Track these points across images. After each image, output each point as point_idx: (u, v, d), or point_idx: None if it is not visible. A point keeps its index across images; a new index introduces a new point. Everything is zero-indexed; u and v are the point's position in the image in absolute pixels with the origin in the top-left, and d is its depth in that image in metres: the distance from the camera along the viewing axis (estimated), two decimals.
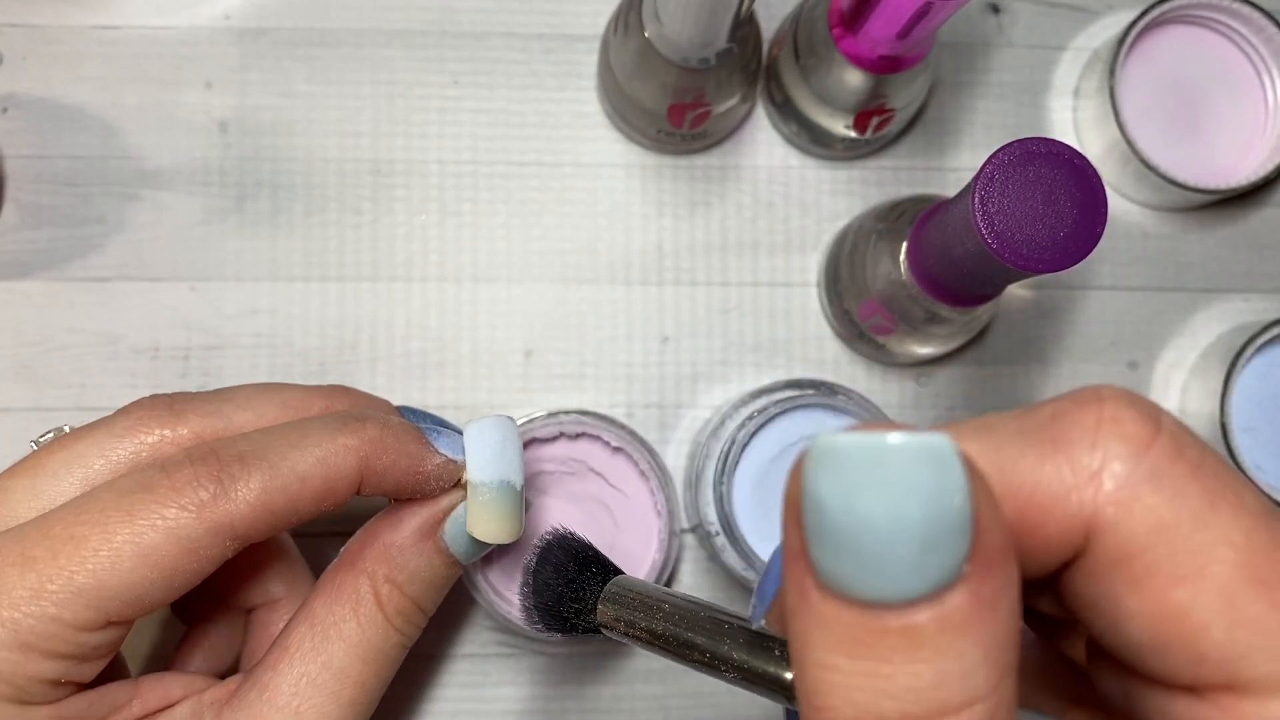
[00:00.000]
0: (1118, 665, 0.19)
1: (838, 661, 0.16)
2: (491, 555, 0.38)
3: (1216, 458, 0.18)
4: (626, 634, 0.26)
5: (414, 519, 0.31)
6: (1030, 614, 0.22)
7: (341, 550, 0.32)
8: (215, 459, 0.28)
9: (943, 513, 0.15)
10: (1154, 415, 0.17)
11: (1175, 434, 0.17)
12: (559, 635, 0.30)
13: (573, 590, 0.29)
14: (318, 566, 0.34)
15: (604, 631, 0.27)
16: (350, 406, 0.33)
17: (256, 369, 0.41)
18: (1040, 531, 0.18)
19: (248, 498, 0.28)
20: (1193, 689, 0.17)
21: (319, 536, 0.38)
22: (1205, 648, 0.17)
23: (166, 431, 0.30)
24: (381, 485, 0.30)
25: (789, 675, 0.21)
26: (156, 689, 0.30)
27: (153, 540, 0.27)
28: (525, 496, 0.32)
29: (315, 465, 0.29)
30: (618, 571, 0.29)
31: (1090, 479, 0.17)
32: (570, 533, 0.31)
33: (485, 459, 0.31)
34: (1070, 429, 0.18)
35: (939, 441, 0.15)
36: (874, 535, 0.15)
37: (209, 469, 0.28)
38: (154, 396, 0.31)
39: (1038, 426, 0.18)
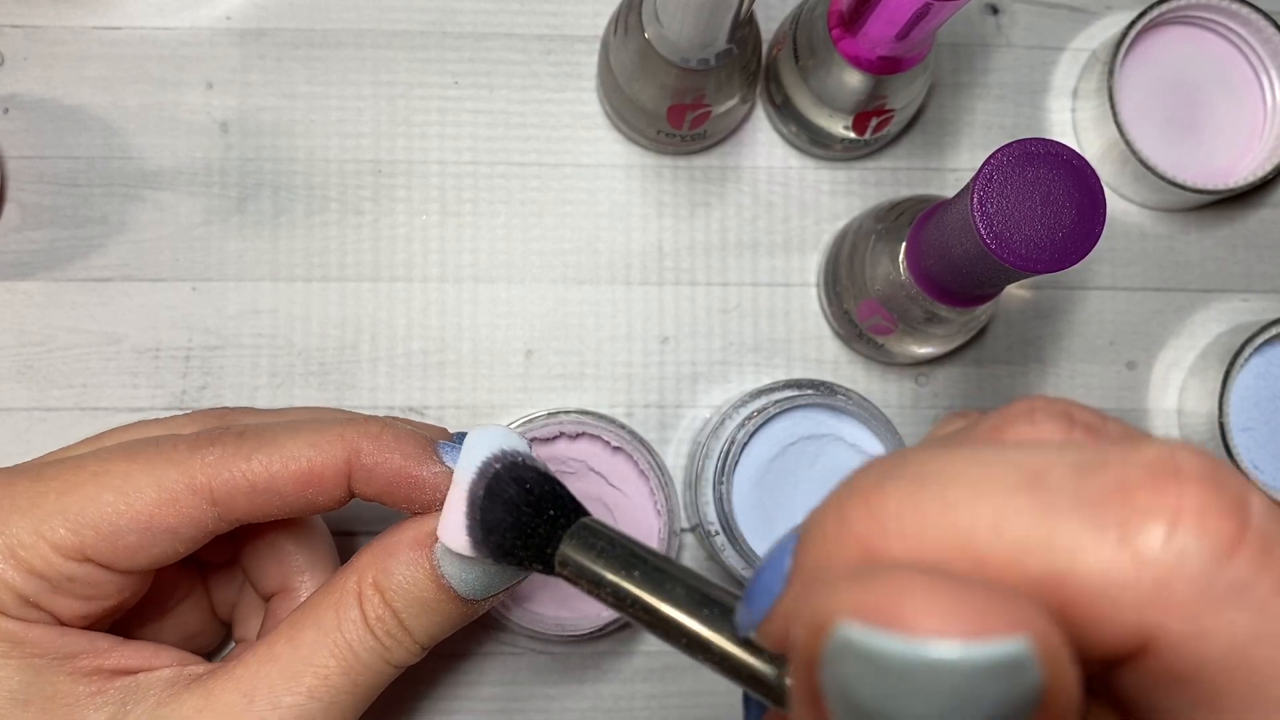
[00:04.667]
0: None
1: None
2: None
3: None
4: (590, 592, 0.24)
5: (414, 526, 0.30)
6: None
7: None
8: (219, 429, 0.30)
9: (1010, 716, 0.13)
10: (1242, 506, 0.14)
11: (1264, 533, 0.14)
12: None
13: (526, 532, 0.26)
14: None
15: (563, 580, 0.25)
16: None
17: (258, 369, 0.42)
18: (1084, 630, 0.15)
19: (229, 464, 0.28)
20: None
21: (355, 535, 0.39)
22: None
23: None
24: (372, 483, 0.29)
25: (789, 681, 0.19)
26: (143, 651, 0.30)
27: (137, 481, 0.28)
28: None
29: (303, 447, 0.29)
30: (580, 510, 0.26)
31: (1158, 584, 0.14)
32: (521, 458, 0.28)
33: (469, 463, 0.28)
34: (1140, 515, 0.14)
35: (1020, 653, 0.13)
36: None
37: (209, 435, 0.29)
38: (207, 413, 0.33)
39: (1102, 499, 0.15)
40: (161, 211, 0.42)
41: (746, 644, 0.20)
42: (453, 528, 0.28)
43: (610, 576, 0.23)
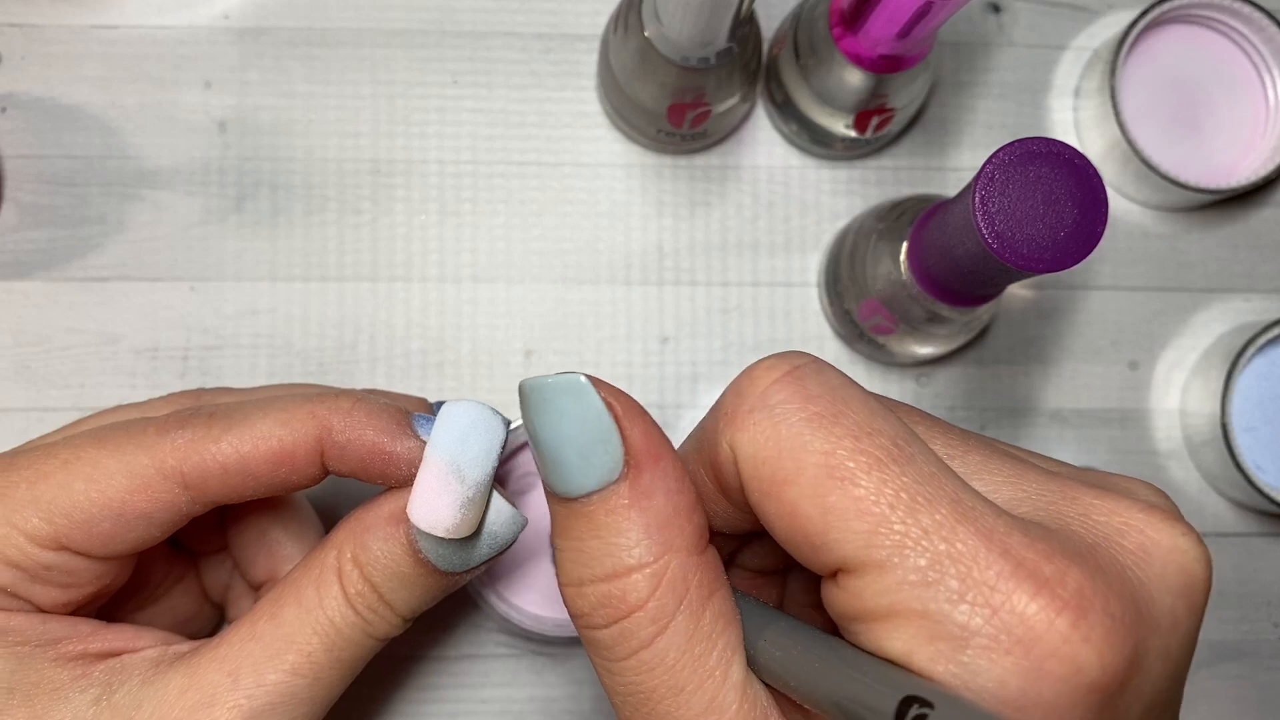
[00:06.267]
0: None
1: (557, 541, 0.23)
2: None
3: (836, 389, 0.21)
4: None
5: (390, 500, 0.29)
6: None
7: None
8: (189, 411, 0.29)
9: (586, 427, 0.22)
10: (788, 360, 0.22)
11: (799, 373, 0.21)
12: None
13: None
14: None
15: None
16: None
17: (256, 369, 0.41)
18: (727, 483, 0.22)
19: (199, 447, 0.28)
20: (832, 576, 0.21)
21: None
22: (812, 537, 0.20)
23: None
24: (345, 459, 0.29)
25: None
26: (125, 633, 0.30)
27: (107, 468, 0.28)
28: (489, 495, 0.29)
29: (273, 426, 0.28)
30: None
31: (728, 423, 0.22)
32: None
33: (441, 437, 0.28)
34: (727, 398, 0.22)
35: (575, 377, 0.22)
36: (548, 448, 0.22)
37: (178, 418, 0.29)
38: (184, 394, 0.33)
39: (718, 408, 0.23)
40: (159, 211, 0.42)
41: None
42: (424, 504, 0.28)
43: None
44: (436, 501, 0.28)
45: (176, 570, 0.35)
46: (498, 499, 0.29)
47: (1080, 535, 0.20)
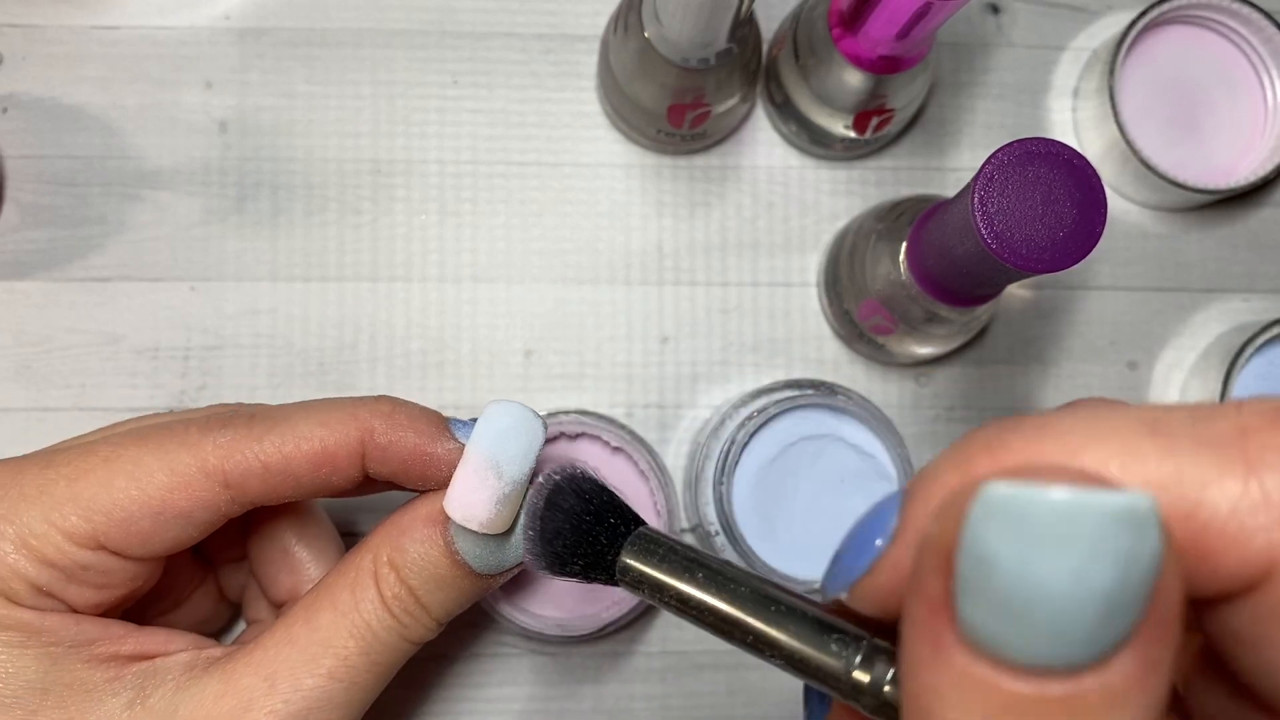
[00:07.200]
0: (1236, 689, 0.18)
1: None
2: None
3: None
4: (654, 598, 0.24)
5: (427, 503, 0.30)
6: None
7: None
8: (232, 412, 0.29)
9: (1133, 580, 0.14)
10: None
11: None
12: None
13: (588, 541, 0.26)
14: None
15: (623, 587, 0.25)
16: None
17: (256, 369, 0.42)
18: (1209, 562, 0.15)
19: (241, 445, 0.28)
20: None
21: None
22: None
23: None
24: (387, 461, 0.29)
25: (857, 675, 0.20)
26: (157, 636, 0.30)
27: (149, 465, 0.28)
28: (524, 495, 0.30)
29: (315, 426, 0.29)
30: (639, 520, 0.27)
31: None
32: (582, 472, 0.28)
33: (481, 435, 0.29)
34: (1265, 452, 0.15)
35: (1142, 505, 0.14)
36: (1051, 600, 0.14)
37: (221, 418, 0.29)
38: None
39: (1226, 440, 0.15)
40: (160, 211, 0.42)
41: (813, 639, 0.21)
42: (461, 498, 0.28)
43: (673, 582, 0.24)
44: (473, 496, 0.28)
45: (199, 575, 0.35)
46: None
47: None
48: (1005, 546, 0.14)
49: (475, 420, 0.30)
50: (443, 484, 0.29)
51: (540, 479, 0.28)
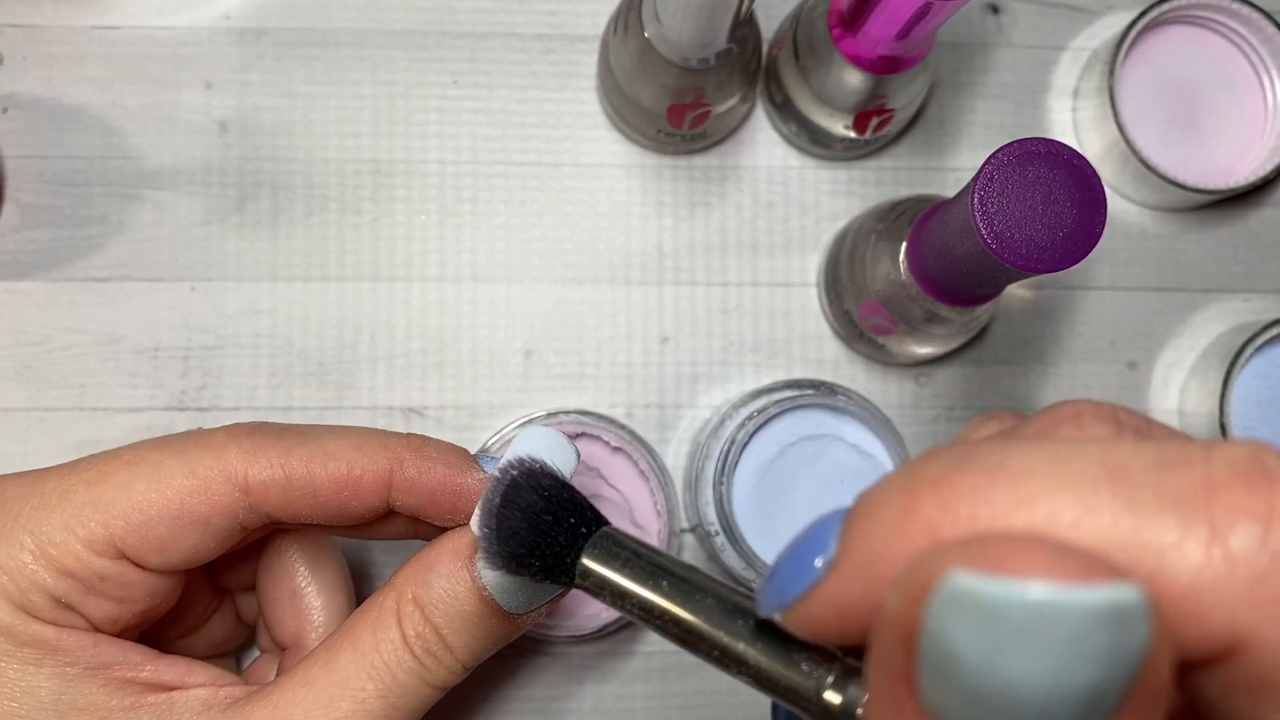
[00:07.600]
0: None
1: None
2: None
3: None
4: (616, 604, 0.23)
5: (454, 538, 0.29)
6: None
7: None
8: (260, 423, 0.29)
9: (1119, 674, 0.13)
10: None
11: None
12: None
13: (546, 541, 0.25)
14: None
15: (584, 592, 0.24)
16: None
17: (257, 369, 0.42)
18: (1174, 627, 0.14)
19: (267, 453, 0.28)
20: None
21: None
22: None
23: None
24: (416, 491, 0.29)
25: (828, 696, 0.19)
26: (177, 667, 0.29)
27: (170, 468, 0.28)
28: None
29: (346, 448, 0.28)
30: (602, 519, 0.25)
31: (1253, 584, 0.14)
32: (541, 467, 0.26)
33: (515, 453, 0.28)
34: (1232, 514, 0.14)
35: (1129, 599, 0.12)
36: (1025, 698, 0.13)
37: (248, 426, 0.29)
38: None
39: (1190, 497, 0.14)
40: (160, 211, 0.42)
41: (782, 656, 0.19)
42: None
43: (636, 589, 0.22)
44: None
45: (216, 599, 0.35)
46: None
47: None
48: (973, 644, 0.13)
49: (500, 459, 0.29)
50: (467, 518, 0.28)
51: (497, 473, 0.26)
